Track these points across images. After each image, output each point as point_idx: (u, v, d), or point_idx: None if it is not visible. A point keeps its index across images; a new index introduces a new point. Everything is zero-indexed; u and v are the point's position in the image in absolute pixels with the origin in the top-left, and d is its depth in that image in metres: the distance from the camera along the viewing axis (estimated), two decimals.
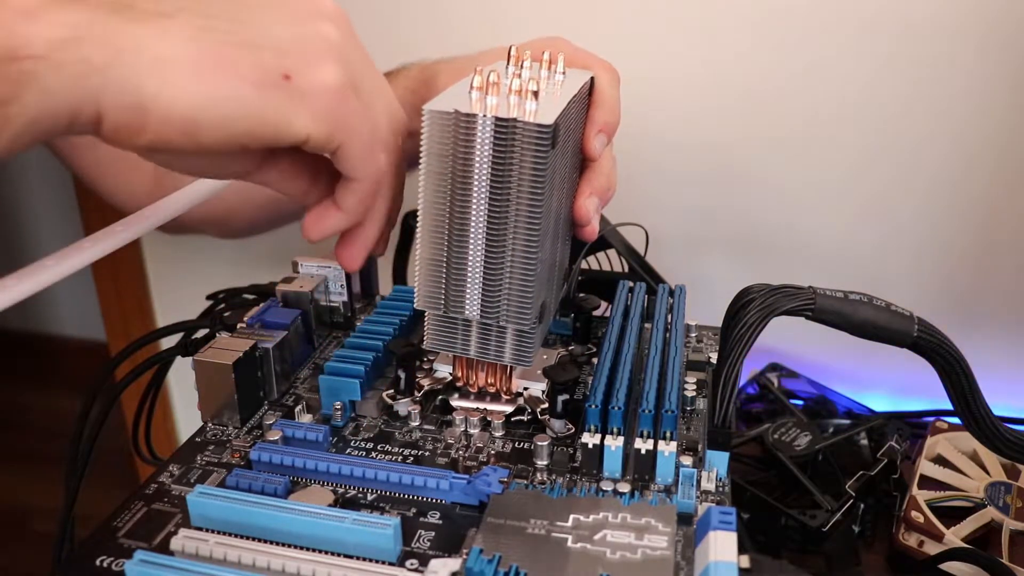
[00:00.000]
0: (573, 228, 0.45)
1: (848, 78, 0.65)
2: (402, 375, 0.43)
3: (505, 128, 0.35)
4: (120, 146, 0.31)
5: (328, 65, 0.33)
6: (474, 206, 0.37)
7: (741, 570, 0.30)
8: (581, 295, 0.51)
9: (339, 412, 0.43)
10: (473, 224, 0.37)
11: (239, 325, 0.45)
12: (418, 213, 0.38)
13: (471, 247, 0.37)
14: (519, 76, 0.37)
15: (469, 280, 0.38)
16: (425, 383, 0.44)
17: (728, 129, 0.69)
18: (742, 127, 0.69)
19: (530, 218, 0.36)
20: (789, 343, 0.70)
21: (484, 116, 0.35)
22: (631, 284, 0.51)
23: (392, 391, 0.44)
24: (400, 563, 0.33)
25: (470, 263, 0.38)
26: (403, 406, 0.43)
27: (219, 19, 0.31)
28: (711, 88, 0.68)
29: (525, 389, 0.43)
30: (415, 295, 0.40)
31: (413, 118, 0.39)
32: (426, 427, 0.43)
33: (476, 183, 0.36)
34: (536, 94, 0.36)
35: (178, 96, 0.29)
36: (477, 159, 0.36)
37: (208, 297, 0.55)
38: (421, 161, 0.37)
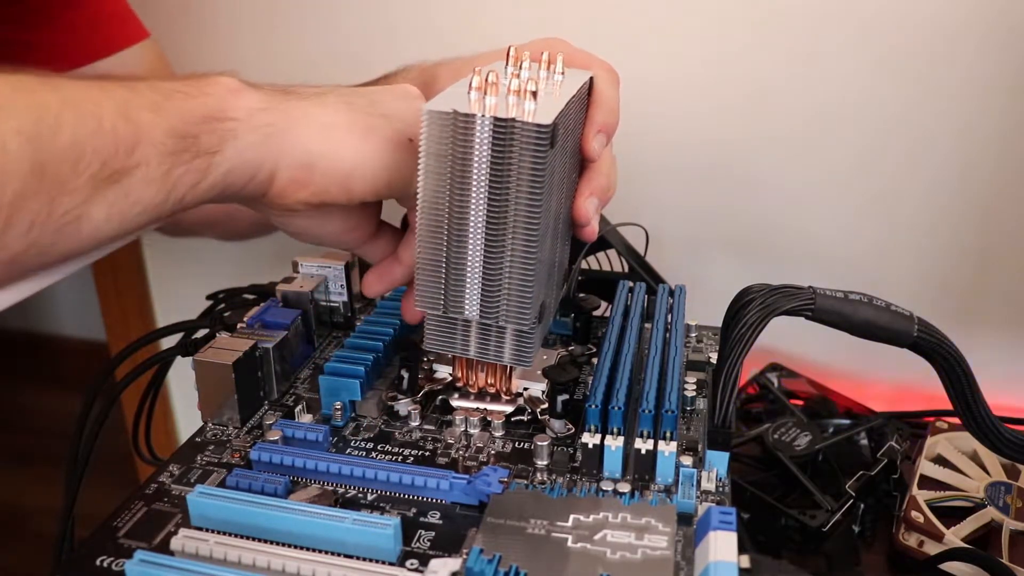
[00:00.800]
0: (573, 228, 0.45)
1: (848, 78, 0.65)
2: (405, 375, 0.43)
3: (503, 128, 0.35)
4: (279, 206, 0.39)
5: None
6: (473, 206, 0.36)
7: (741, 570, 0.30)
8: (581, 295, 0.51)
9: (339, 412, 0.43)
10: (472, 224, 0.37)
11: (239, 325, 0.45)
12: (417, 214, 0.38)
13: (470, 247, 0.37)
14: (518, 76, 0.37)
15: (468, 280, 0.38)
16: (425, 384, 0.44)
17: (728, 129, 0.69)
18: (742, 127, 0.69)
19: (529, 218, 0.36)
20: (789, 343, 0.70)
21: (482, 116, 0.35)
22: (631, 284, 0.51)
23: (394, 393, 0.44)
24: (400, 563, 0.33)
25: (469, 263, 0.38)
26: (403, 406, 0.43)
27: (358, 98, 0.40)
28: (711, 88, 0.68)
29: (525, 389, 0.43)
30: (414, 296, 0.40)
31: None
32: (426, 427, 0.43)
33: (475, 183, 0.36)
34: (535, 94, 0.36)
35: (339, 153, 0.38)
36: (476, 159, 0.36)
37: (208, 297, 0.55)
38: (420, 161, 0.37)
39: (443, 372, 0.45)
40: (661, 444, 0.38)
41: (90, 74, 0.59)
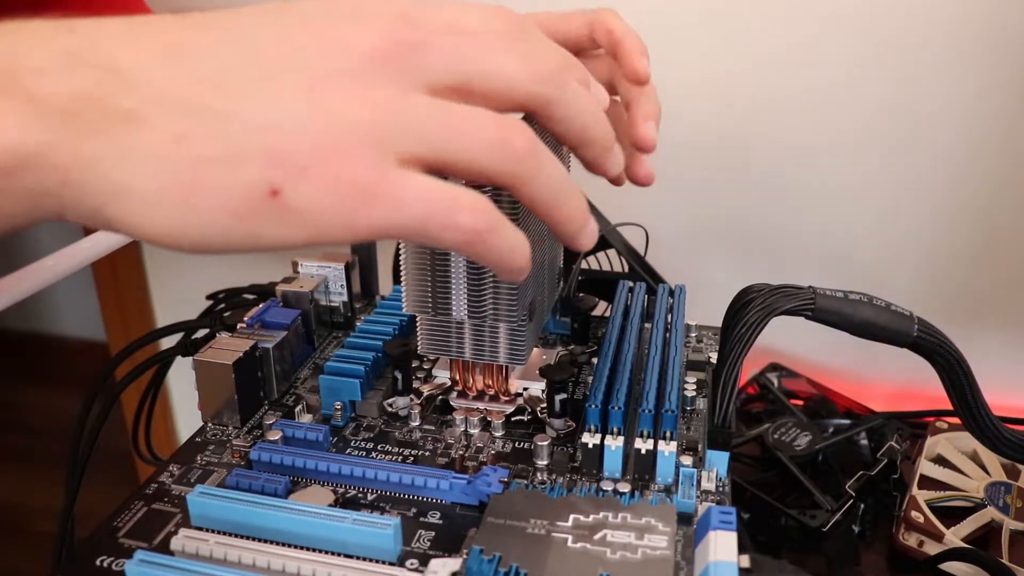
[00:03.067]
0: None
1: (848, 78, 0.65)
2: (398, 376, 0.43)
3: None
4: None
5: (343, 162, 0.24)
6: None
7: (741, 570, 0.30)
8: (579, 295, 0.51)
9: (339, 412, 0.43)
10: None
11: (239, 325, 0.45)
12: None
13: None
14: None
15: (454, 281, 0.38)
16: (425, 389, 0.44)
17: (728, 129, 0.69)
18: (742, 127, 0.69)
19: (510, 214, 0.36)
20: (789, 343, 0.70)
21: None
22: (631, 284, 0.51)
23: (393, 398, 0.44)
24: (400, 563, 0.33)
25: (453, 264, 0.38)
26: (403, 406, 0.43)
27: (204, 112, 0.24)
28: (710, 88, 0.68)
29: (525, 389, 0.43)
30: (403, 300, 0.40)
31: None
32: (426, 427, 0.43)
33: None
34: None
35: (144, 226, 0.24)
36: None
37: (208, 297, 0.55)
38: None
39: (442, 377, 0.45)
40: (661, 444, 0.38)
41: None
